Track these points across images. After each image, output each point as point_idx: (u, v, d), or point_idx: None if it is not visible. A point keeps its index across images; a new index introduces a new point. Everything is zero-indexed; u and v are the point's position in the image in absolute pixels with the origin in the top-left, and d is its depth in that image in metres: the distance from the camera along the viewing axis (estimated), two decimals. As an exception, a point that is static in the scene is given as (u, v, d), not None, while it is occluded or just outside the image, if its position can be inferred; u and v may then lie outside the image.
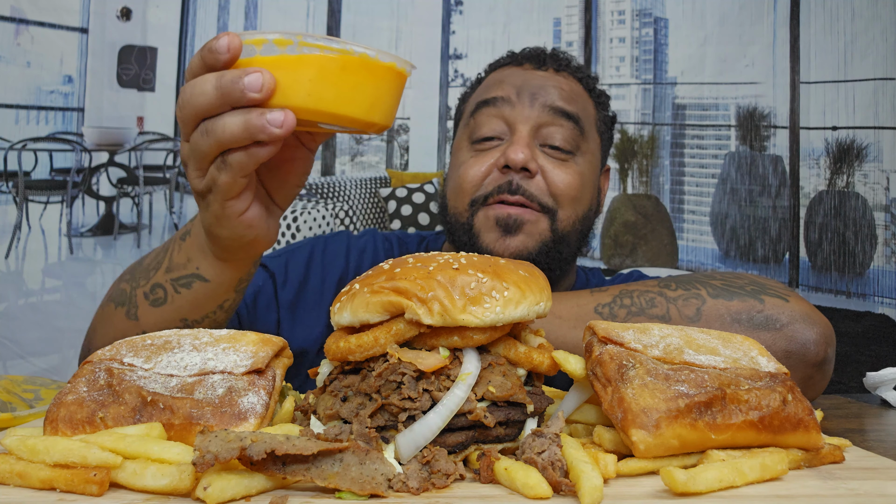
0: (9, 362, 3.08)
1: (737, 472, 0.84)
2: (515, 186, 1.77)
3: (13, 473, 0.83)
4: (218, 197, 1.16)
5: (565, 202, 1.82)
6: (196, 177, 1.16)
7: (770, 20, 3.42)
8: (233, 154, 1.10)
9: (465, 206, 1.84)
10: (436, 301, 0.89)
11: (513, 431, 0.93)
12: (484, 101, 1.87)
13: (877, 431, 1.42)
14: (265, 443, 0.77)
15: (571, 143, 1.83)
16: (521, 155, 1.75)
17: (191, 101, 1.08)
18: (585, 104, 1.93)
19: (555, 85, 1.87)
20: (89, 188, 3.24)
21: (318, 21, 3.42)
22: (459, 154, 1.92)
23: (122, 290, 1.49)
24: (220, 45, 1.04)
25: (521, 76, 1.90)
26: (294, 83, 1.03)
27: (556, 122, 1.82)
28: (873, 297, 3.35)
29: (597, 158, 1.96)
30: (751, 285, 1.51)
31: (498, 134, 1.84)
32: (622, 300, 1.51)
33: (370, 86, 1.06)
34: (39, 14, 3.16)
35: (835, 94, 3.39)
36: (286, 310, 1.90)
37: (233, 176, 1.12)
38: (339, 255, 2.02)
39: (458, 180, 1.86)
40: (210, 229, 1.25)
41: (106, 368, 0.96)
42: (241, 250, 1.30)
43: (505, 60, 2.01)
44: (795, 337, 1.43)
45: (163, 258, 1.43)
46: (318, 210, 3.36)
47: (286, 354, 1.07)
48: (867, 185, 3.37)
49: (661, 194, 3.48)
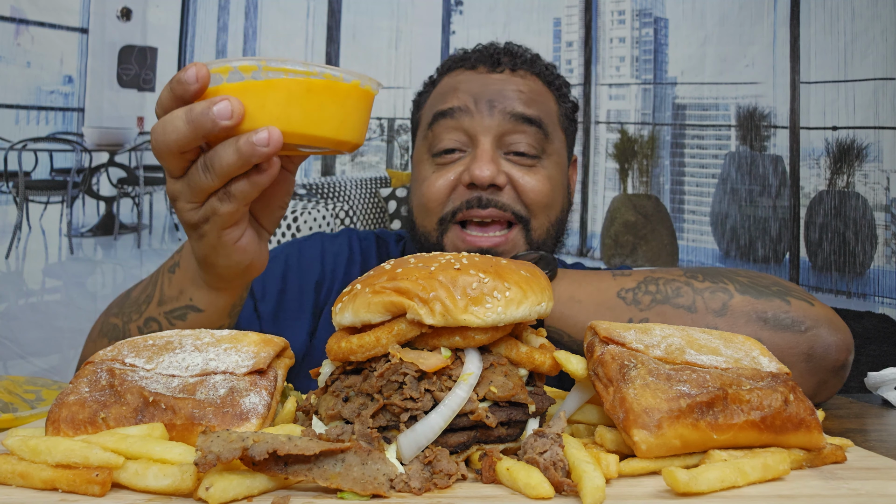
0: (9, 362, 3.08)
1: (739, 472, 0.84)
2: (486, 201, 1.72)
3: (15, 474, 0.83)
4: (216, 227, 1.17)
5: (538, 210, 1.77)
6: (189, 209, 1.16)
7: (770, 20, 3.42)
8: (236, 184, 1.11)
9: (433, 224, 1.78)
10: (437, 301, 0.89)
11: (514, 431, 0.93)
12: (441, 113, 1.80)
13: (878, 431, 1.42)
14: (267, 443, 0.77)
15: (537, 148, 1.78)
16: (487, 171, 1.69)
17: (164, 139, 1.08)
18: (547, 102, 1.86)
19: (513, 88, 1.80)
20: (89, 188, 3.24)
21: (318, 21, 3.42)
22: (421, 168, 1.85)
23: (114, 324, 1.48)
24: (189, 75, 1.05)
25: (477, 81, 1.82)
26: (262, 108, 1.05)
27: (519, 129, 1.76)
28: (873, 297, 3.35)
29: (563, 156, 1.90)
30: (776, 286, 1.50)
31: (459, 146, 1.77)
32: (647, 286, 1.47)
33: (336, 105, 1.09)
34: (39, 14, 3.16)
35: (835, 94, 3.39)
36: (268, 322, 1.88)
37: (236, 205, 1.13)
38: (315, 259, 1.99)
39: (423, 198, 1.80)
40: (206, 259, 1.25)
41: (108, 369, 0.96)
42: (236, 277, 1.30)
43: (457, 62, 1.92)
44: (818, 341, 1.42)
45: (153, 291, 1.43)
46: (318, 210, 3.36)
47: (288, 355, 1.07)
48: (867, 185, 3.37)
49: (662, 194, 3.48)
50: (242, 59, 1.06)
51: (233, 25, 3.38)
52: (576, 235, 3.51)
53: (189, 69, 1.05)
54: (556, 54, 3.49)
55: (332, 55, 3.43)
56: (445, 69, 1.95)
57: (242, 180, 1.11)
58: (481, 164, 1.70)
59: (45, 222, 3.19)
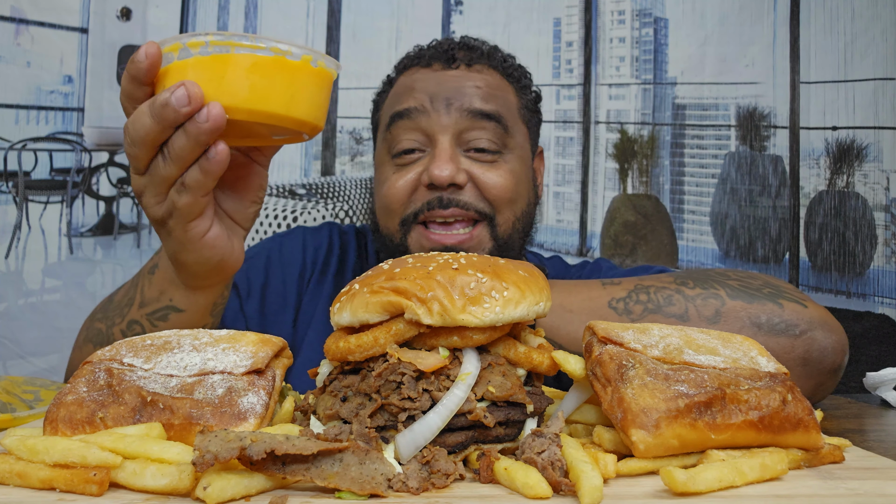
0: (9, 362, 3.08)
1: (737, 471, 0.84)
2: (447, 201, 1.70)
3: (13, 473, 0.83)
4: (180, 221, 1.17)
5: (502, 205, 1.75)
6: (154, 204, 1.16)
7: (770, 20, 3.42)
8: (188, 173, 1.11)
9: (395, 226, 1.77)
10: (435, 301, 0.89)
11: (512, 431, 0.93)
12: (398, 114, 1.77)
13: (877, 431, 1.42)
14: (265, 443, 0.77)
15: (497, 143, 1.75)
16: (447, 171, 1.67)
17: (137, 136, 1.09)
18: (506, 95, 1.83)
19: (470, 84, 1.77)
20: (89, 188, 3.24)
21: (318, 21, 3.41)
22: (382, 170, 1.83)
23: (98, 329, 1.48)
24: (139, 54, 1.07)
25: (433, 79, 1.79)
26: (208, 83, 1.04)
27: (478, 125, 1.73)
28: (873, 297, 3.35)
29: (526, 150, 1.87)
30: (767, 287, 1.49)
31: (418, 146, 1.76)
32: (638, 295, 1.47)
33: (284, 81, 1.07)
34: (39, 14, 3.16)
35: (835, 94, 3.39)
36: (254, 320, 1.88)
37: (193, 196, 1.13)
38: (296, 251, 1.99)
39: (385, 200, 1.78)
40: (175, 256, 1.25)
41: (106, 369, 0.96)
42: (210, 275, 1.29)
43: (412, 60, 1.89)
44: (814, 344, 1.41)
45: (134, 294, 1.43)
46: (317, 210, 3.36)
47: (286, 355, 1.07)
48: (867, 185, 3.37)
49: (661, 194, 3.48)
50: (191, 35, 1.05)
51: (233, 25, 3.38)
52: (576, 235, 3.51)
53: (140, 49, 1.07)
54: (556, 54, 3.49)
55: (332, 55, 3.43)
56: (402, 68, 1.91)
57: (194, 168, 1.11)
58: (440, 164, 1.68)
59: (45, 222, 3.19)
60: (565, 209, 3.45)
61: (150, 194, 1.15)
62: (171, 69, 1.06)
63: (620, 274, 1.91)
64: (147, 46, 1.06)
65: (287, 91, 1.07)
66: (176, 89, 1.03)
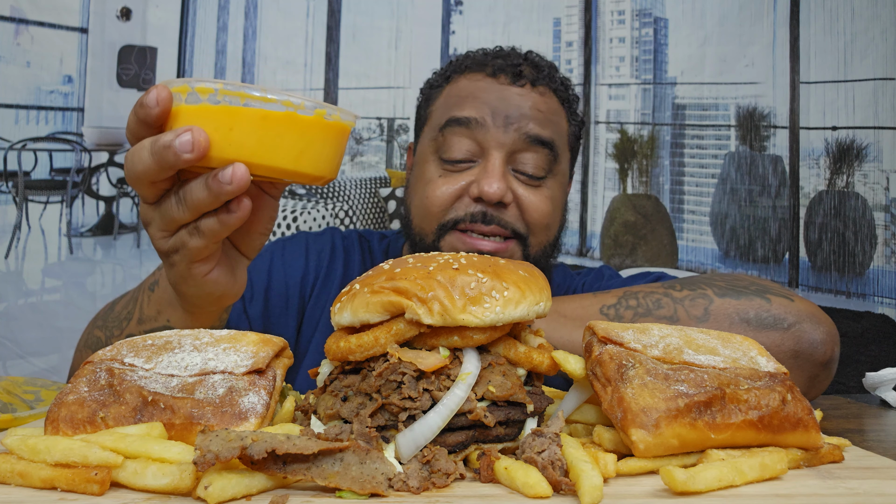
0: (9, 362, 3.08)
1: (736, 471, 0.84)
2: (490, 217, 1.73)
3: (14, 473, 0.83)
4: (185, 259, 1.15)
5: (537, 229, 1.78)
6: (161, 237, 1.14)
7: (770, 20, 3.43)
8: (205, 220, 1.09)
9: (432, 228, 1.78)
10: (436, 301, 0.89)
11: (513, 431, 0.93)
12: (456, 120, 1.78)
13: (876, 431, 1.43)
14: (266, 442, 0.77)
15: (545, 169, 1.78)
16: (497, 189, 1.69)
17: (134, 170, 1.07)
18: (560, 122, 1.86)
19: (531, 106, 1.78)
20: (89, 188, 3.24)
21: (318, 21, 3.42)
22: (426, 168, 1.83)
23: (98, 338, 1.49)
24: (150, 99, 1.03)
25: (497, 93, 1.80)
26: (215, 132, 1.02)
27: (531, 150, 1.76)
28: (873, 297, 3.35)
29: (566, 176, 1.91)
30: (754, 285, 1.51)
31: (469, 156, 1.77)
32: (627, 301, 1.49)
33: (294, 137, 1.04)
34: (39, 14, 3.16)
35: (835, 94, 3.40)
36: (257, 322, 1.89)
37: (205, 241, 1.11)
38: (299, 254, 2.00)
39: (426, 200, 1.79)
40: (176, 287, 1.24)
41: (107, 368, 0.96)
42: (208, 305, 1.28)
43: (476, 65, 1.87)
44: (803, 337, 1.42)
45: (133, 309, 1.43)
46: (317, 210, 3.37)
47: (286, 355, 1.07)
48: (867, 185, 3.37)
49: (661, 194, 3.48)
50: (202, 80, 1.02)
51: (233, 25, 3.39)
52: (576, 235, 3.51)
53: (151, 92, 1.03)
54: (556, 54, 3.49)
55: (332, 55, 3.43)
56: (463, 68, 1.90)
57: (212, 218, 1.08)
58: (491, 181, 1.70)
59: (45, 222, 3.20)
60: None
61: (158, 228, 1.13)
62: (179, 112, 1.04)
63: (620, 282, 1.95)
64: (158, 91, 1.03)
65: (296, 146, 1.05)
66: (182, 133, 1.00)
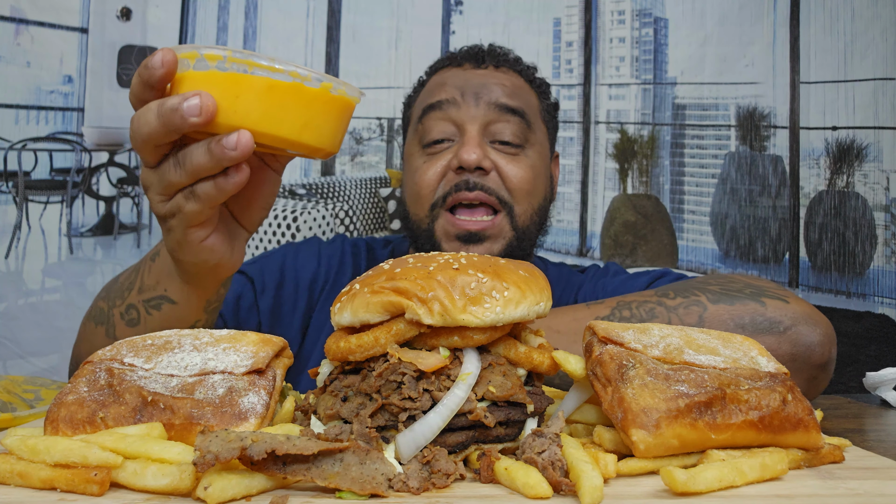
0: (9, 362, 3.08)
1: (737, 471, 0.84)
2: (473, 184, 1.82)
3: (14, 473, 0.83)
4: (181, 223, 1.16)
5: (520, 196, 1.87)
6: (159, 201, 1.15)
7: (770, 20, 3.42)
8: (202, 184, 1.10)
9: (425, 211, 1.89)
10: (436, 301, 0.89)
11: (513, 431, 0.93)
12: (430, 106, 1.92)
13: (876, 431, 1.42)
14: (266, 443, 0.77)
15: (520, 137, 1.89)
16: (474, 154, 1.80)
17: (139, 131, 1.07)
18: (528, 97, 1.99)
19: (497, 82, 1.92)
20: (89, 188, 3.24)
21: (318, 21, 3.41)
22: (412, 160, 1.96)
23: (101, 308, 1.50)
24: (155, 60, 1.03)
25: (463, 76, 1.95)
26: (221, 99, 1.02)
27: (503, 119, 1.88)
28: (873, 297, 3.35)
29: (545, 148, 2.01)
30: (748, 288, 1.51)
31: (448, 136, 1.89)
32: (620, 312, 1.50)
33: (299, 108, 1.05)
34: (39, 14, 3.16)
35: (835, 94, 3.39)
36: (266, 315, 1.95)
37: (200, 206, 1.12)
38: (311, 258, 2.07)
39: (415, 186, 1.91)
40: (172, 254, 1.24)
41: (106, 368, 0.96)
42: (205, 275, 1.29)
43: (444, 62, 2.06)
44: (800, 339, 1.42)
45: (135, 279, 1.44)
46: (318, 210, 3.36)
47: (286, 355, 1.07)
48: (867, 185, 3.37)
49: (661, 194, 3.48)
50: (210, 47, 1.03)
51: (233, 25, 3.38)
52: (576, 235, 3.51)
53: (156, 54, 1.03)
54: (555, 54, 3.49)
55: (332, 55, 3.43)
56: (434, 69, 2.08)
57: (209, 182, 1.09)
58: (468, 149, 1.82)
59: (45, 222, 3.19)
60: (565, 209, 3.46)
61: (156, 192, 1.14)
62: (185, 77, 1.04)
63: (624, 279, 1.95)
64: (164, 53, 1.03)
65: (301, 117, 1.05)
66: (190, 97, 1.00)
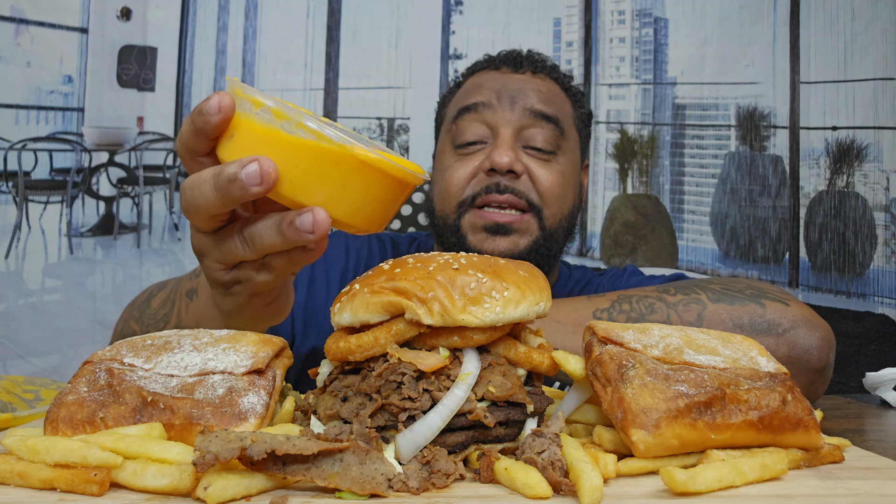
0: (9, 362, 3.08)
1: (736, 471, 0.84)
2: (503, 187, 1.82)
3: (13, 473, 0.83)
4: (247, 291, 1.09)
5: (550, 200, 1.87)
6: (219, 269, 1.06)
7: (770, 20, 3.42)
8: (275, 259, 1.03)
9: (452, 208, 1.88)
10: (436, 301, 0.89)
11: (513, 431, 0.93)
12: (465, 108, 1.92)
13: (876, 431, 1.42)
14: (265, 443, 0.77)
15: (552, 144, 1.89)
16: (507, 158, 1.80)
17: (193, 203, 0.98)
18: (563, 104, 1.99)
19: (533, 87, 1.92)
20: (89, 188, 3.24)
21: (318, 21, 3.41)
22: (444, 158, 1.96)
23: (133, 330, 1.50)
24: (211, 105, 0.93)
25: (500, 80, 1.95)
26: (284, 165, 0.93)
27: (537, 125, 1.88)
28: (873, 297, 3.35)
29: (577, 156, 2.01)
30: (750, 289, 1.51)
31: (481, 138, 1.89)
32: (620, 305, 1.51)
33: (360, 188, 0.95)
34: (39, 14, 3.16)
35: (835, 94, 3.39)
36: (299, 311, 1.93)
37: (274, 277, 1.06)
38: (340, 252, 2.06)
39: (445, 184, 1.91)
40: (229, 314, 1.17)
41: (106, 369, 0.96)
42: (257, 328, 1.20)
43: (482, 65, 2.05)
44: (798, 343, 1.42)
45: (170, 311, 1.40)
46: (318, 210, 3.37)
47: (286, 355, 1.07)
48: (867, 185, 3.37)
49: (661, 194, 3.48)
50: (277, 102, 0.93)
51: (233, 25, 3.38)
52: (575, 235, 3.51)
53: (212, 98, 0.94)
54: (556, 54, 3.49)
55: (332, 55, 3.43)
56: (470, 72, 2.08)
57: (284, 256, 1.02)
58: (501, 151, 1.82)
59: (45, 222, 3.19)
60: (565, 209, 3.45)
61: (215, 260, 1.05)
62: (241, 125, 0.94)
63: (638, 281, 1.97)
64: (220, 98, 0.93)
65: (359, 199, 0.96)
66: (248, 164, 0.90)
